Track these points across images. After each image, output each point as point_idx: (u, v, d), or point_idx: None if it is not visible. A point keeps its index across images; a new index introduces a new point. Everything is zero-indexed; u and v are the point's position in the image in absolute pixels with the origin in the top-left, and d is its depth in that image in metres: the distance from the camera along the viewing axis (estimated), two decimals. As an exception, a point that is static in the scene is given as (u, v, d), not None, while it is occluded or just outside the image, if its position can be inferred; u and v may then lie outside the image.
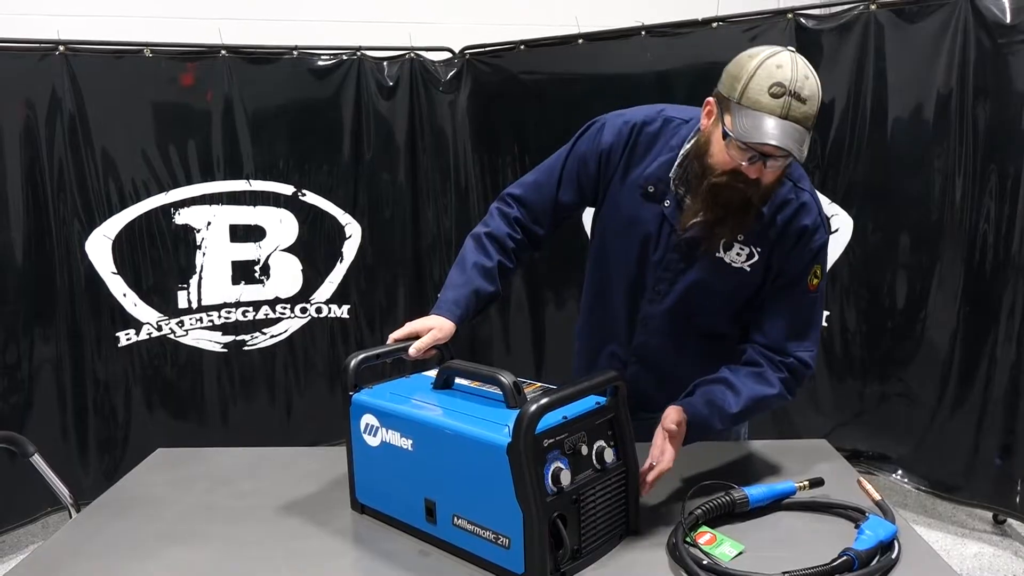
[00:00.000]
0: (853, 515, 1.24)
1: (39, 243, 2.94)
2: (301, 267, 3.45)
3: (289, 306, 3.46)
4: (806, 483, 1.33)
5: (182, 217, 3.22)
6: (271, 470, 1.54)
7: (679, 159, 1.45)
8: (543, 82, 3.47)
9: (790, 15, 2.98)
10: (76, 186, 3.00)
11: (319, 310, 3.52)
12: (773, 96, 1.26)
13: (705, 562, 1.11)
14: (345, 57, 3.42)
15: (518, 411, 1.06)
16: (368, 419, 1.27)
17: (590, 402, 1.18)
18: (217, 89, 3.22)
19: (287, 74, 3.35)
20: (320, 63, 3.40)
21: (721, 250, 1.45)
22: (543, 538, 1.06)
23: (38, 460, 1.90)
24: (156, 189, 3.16)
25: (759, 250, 1.45)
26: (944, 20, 2.72)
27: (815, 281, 1.45)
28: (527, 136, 3.50)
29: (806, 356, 1.46)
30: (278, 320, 3.44)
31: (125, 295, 3.13)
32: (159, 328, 3.22)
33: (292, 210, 3.41)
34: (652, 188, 1.49)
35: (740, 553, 1.16)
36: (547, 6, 4.18)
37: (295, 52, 3.35)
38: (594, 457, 1.15)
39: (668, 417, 1.35)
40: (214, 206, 3.27)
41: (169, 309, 3.23)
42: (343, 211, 3.50)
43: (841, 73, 2.93)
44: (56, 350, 3.00)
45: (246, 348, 3.40)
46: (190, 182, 3.22)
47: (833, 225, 3.02)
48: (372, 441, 1.27)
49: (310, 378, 3.53)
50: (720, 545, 1.17)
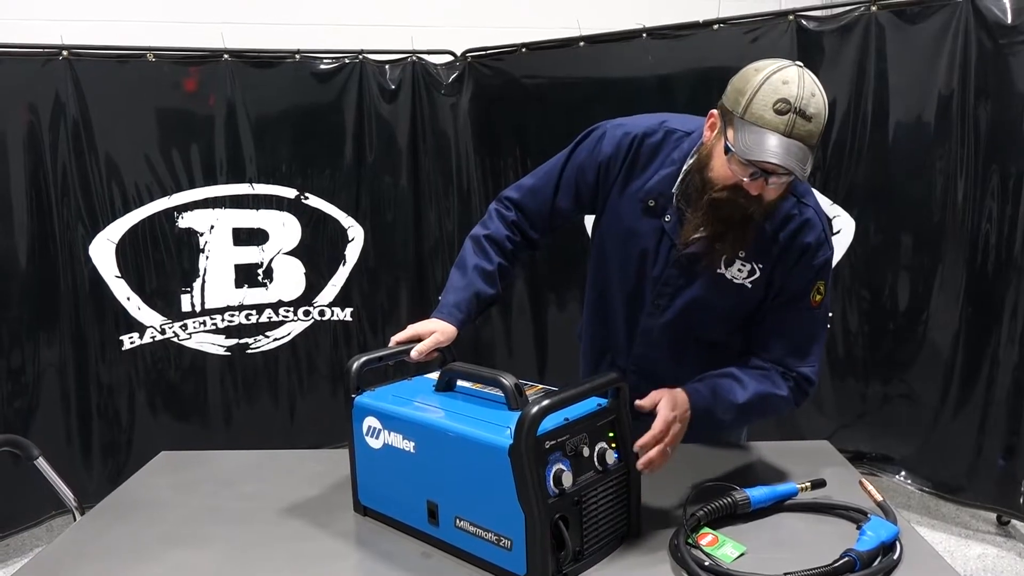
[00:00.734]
0: (855, 516, 1.24)
1: (43, 247, 2.95)
2: (304, 270, 3.46)
3: (292, 309, 3.46)
4: (808, 484, 1.32)
5: (185, 221, 3.23)
6: (274, 473, 1.54)
7: (682, 175, 1.43)
8: (544, 85, 3.47)
9: (791, 17, 2.98)
10: (80, 190, 3.01)
11: (322, 313, 3.52)
12: (778, 112, 1.24)
13: (707, 563, 1.11)
14: (347, 60, 3.43)
15: (520, 413, 1.06)
16: (370, 421, 1.28)
17: (591, 404, 1.18)
18: (220, 93, 3.23)
19: (289, 78, 3.35)
20: (322, 67, 3.41)
21: (722, 266, 1.44)
22: (545, 540, 1.06)
23: (42, 463, 1.90)
24: (159, 193, 3.17)
25: (760, 266, 1.43)
26: (945, 21, 2.72)
27: (818, 298, 1.44)
28: (529, 139, 3.51)
29: (808, 372, 1.45)
30: (281, 323, 3.45)
31: (129, 299, 3.14)
32: (162, 331, 3.23)
33: (295, 213, 3.42)
34: (653, 202, 1.47)
35: (742, 554, 1.16)
36: (548, 9, 4.19)
37: (297, 56, 3.36)
38: (596, 459, 1.15)
39: (678, 397, 1.32)
40: (217, 210, 3.28)
41: (172, 312, 3.24)
42: (346, 214, 3.51)
43: (842, 74, 2.93)
44: (60, 354, 3.01)
45: (249, 351, 3.40)
46: (193, 186, 3.23)
47: (835, 227, 3.02)
48: (374, 443, 1.27)
49: (313, 381, 3.54)
50: (722, 546, 1.17)
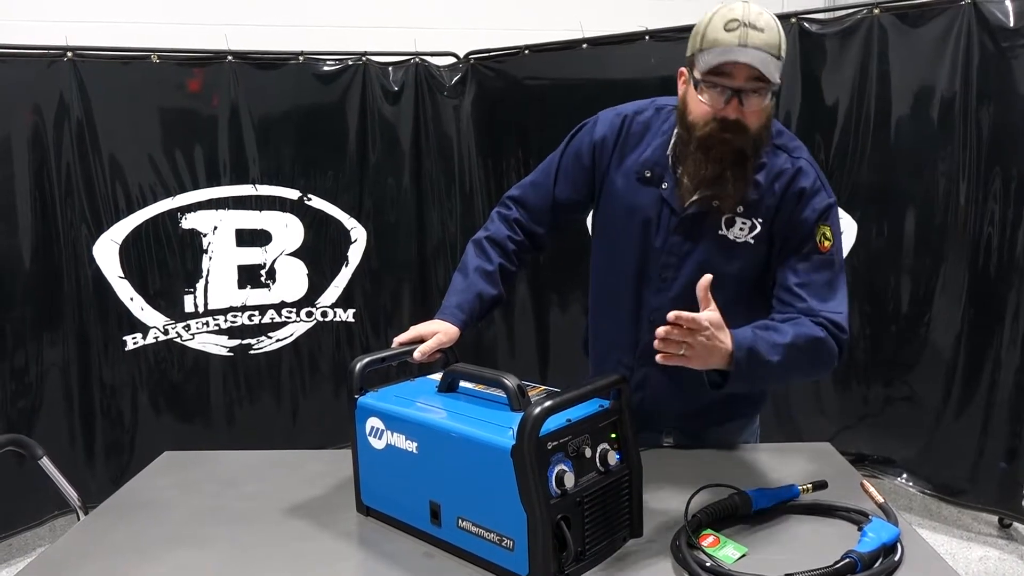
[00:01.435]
0: (856, 518, 1.24)
1: (47, 248, 2.96)
2: (307, 271, 3.47)
3: (295, 310, 3.47)
4: (809, 486, 1.32)
5: (189, 222, 3.24)
6: (277, 473, 1.54)
7: (673, 139, 1.47)
8: (547, 87, 3.48)
9: (793, 19, 2.99)
10: (84, 191, 3.02)
11: (324, 314, 3.53)
12: (729, 30, 1.31)
13: (708, 564, 1.11)
14: (350, 62, 3.44)
15: (522, 414, 1.06)
16: (373, 422, 1.28)
17: (594, 405, 1.18)
18: (223, 94, 3.24)
19: (293, 79, 3.36)
20: (325, 68, 3.42)
21: (723, 227, 1.45)
22: (547, 540, 1.06)
23: (46, 463, 1.91)
24: (163, 194, 3.18)
25: (760, 221, 1.44)
26: (947, 24, 2.72)
27: (826, 243, 1.42)
28: (531, 140, 3.51)
29: (836, 317, 1.38)
30: (284, 324, 3.46)
31: (132, 299, 3.15)
32: (165, 332, 3.23)
33: (298, 214, 3.43)
34: (649, 173, 1.50)
35: (743, 555, 1.16)
36: (551, 11, 4.20)
37: (301, 58, 3.37)
38: (598, 460, 1.15)
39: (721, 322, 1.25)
40: (220, 211, 3.29)
41: (175, 313, 3.25)
42: (348, 215, 3.52)
43: (845, 77, 2.93)
44: (64, 354, 3.02)
45: (252, 352, 3.41)
46: (196, 187, 3.24)
47: (837, 229, 3.02)
48: (377, 444, 1.28)
49: (315, 382, 3.54)
50: (723, 547, 1.17)
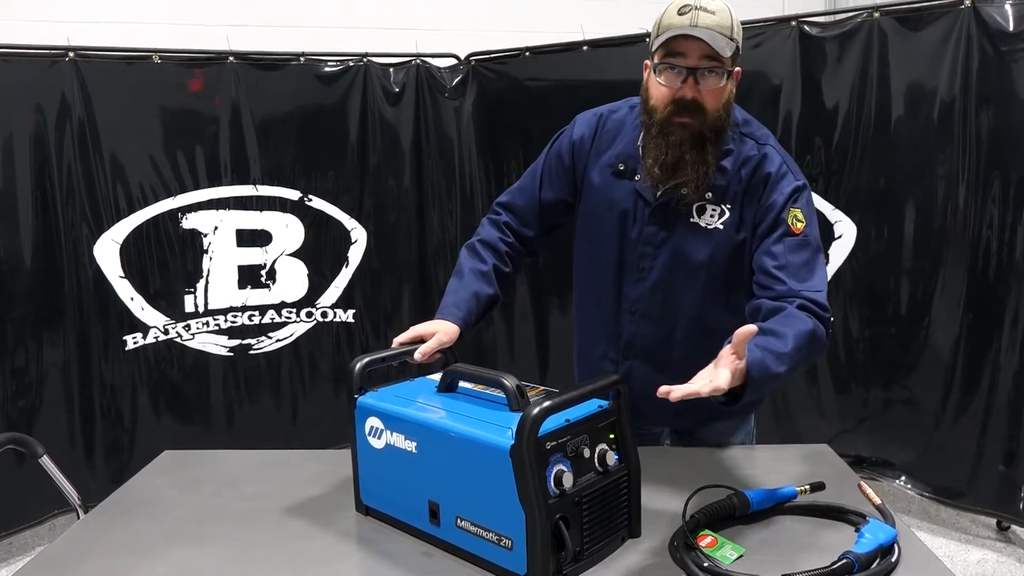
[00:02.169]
0: (853, 519, 1.25)
1: (48, 247, 2.97)
2: (307, 272, 3.47)
3: (295, 310, 3.47)
4: (807, 487, 1.33)
5: (189, 222, 3.24)
6: (276, 472, 1.55)
7: (642, 131, 1.52)
8: (548, 88, 3.49)
9: (794, 23, 2.99)
10: (85, 191, 3.03)
11: (325, 314, 3.54)
12: (682, 14, 1.39)
13: (706, 564, 1.12)
14: (352, 63, 3.45)
15: (521, 414, 1.07)
16: (373, 422, 1.29)
17: (592, 405, 1.19)
18: (225, 95, 3.25)
19: (294, 80, 3.37)
20: (327, 69, 3.42)
21: (695, 214, 1.49)
22: (545, 540, 1.07)
23: (47, 461, 1.92)
24: (164, 194, 3.18)
25: (728, 207, 1.48)
26: (947, 28, 2.73)
27: (799, 225, 1.44)
28: (532, 142, 3.51)
29: (817, 296, 1.39)
30: (284, 324, 3.46)
31: (132, 299, 3.15)
32: (166, 332, 3.24)
33: (298, 215, 3.43)
34: (623, 166, 1.55)
35: (741, 556, 1.16)
36: (552, 13, 4.21)
37: (302, 58, 3.37)
38: (596, 460, 1.16)
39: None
40: (221, 211, 3.30)
41: (176, 313, 3.25)
42: (349, 216, 3.52)
43: (844, 80, 2.94)
44: (64, 354, 3.03)
45: (252, 352, 3.41)
46: (197, 187, 3.24)
47: (836, 232, 3.03)
48: (377, 443, 1.28)
49: (315, 382, 3.55)
50: (721, 548, 1.18)
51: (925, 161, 2.84)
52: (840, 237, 3.02)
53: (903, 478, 3.04)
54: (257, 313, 3.41)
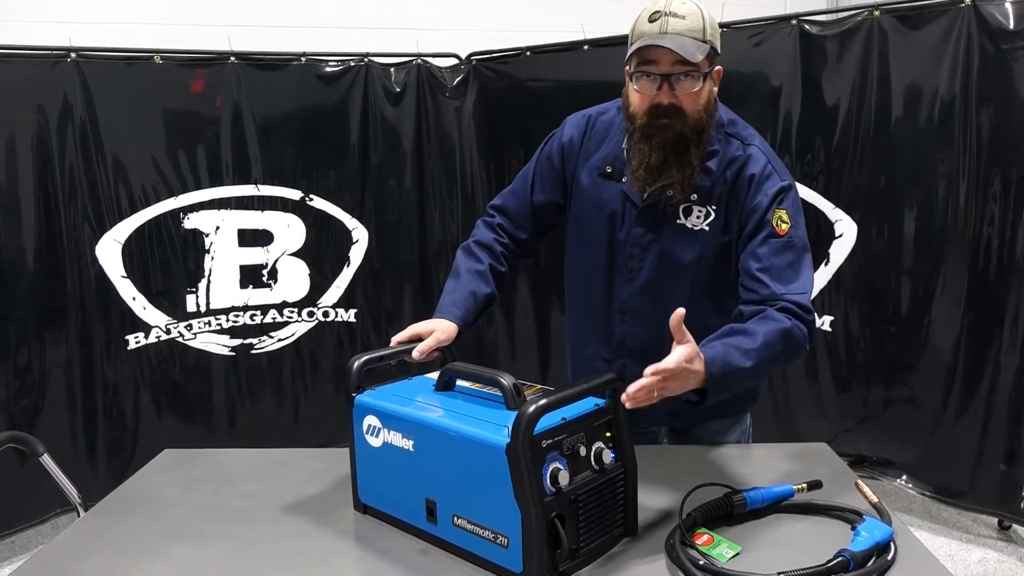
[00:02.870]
0: (850, 517, 1.25)
1: (50, 247, 2.98)
2: (308, 271, 3.48)
3: (296, 310, 3.48)
4: (804, 485, 1.33)
5: (191, 222, 3.25)
6: (275, 471, 1.55)
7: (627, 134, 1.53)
8: (549, 88, 3.49)
9: (794, 21, 2.99)
10: (87, 191, 3.03)
11: (326, 314, 3.54)
12: (652, 21, 1.42)
13: (702, 563, 1.12)
14: (353, 63, 3.45)
15: (517, 412, 1.07)
16: (370, 420, 1.29)
17: (589, 404, 1.19)
18: (226, 95, 3.26)
19: (295, 80, 3.38)
20: (328, 69, 3.43)
21: (681, 215, 1.50)
22: (541, 538, 1.07)
23: (47, 460, 1.93)
24: (165, 194, 3.19)
25: (714, 208, 1.49)
26: (947, 26, 2.73)
27: (784, 226, 1.44)
28: (533, 142, 3.44)
29: (800, 299, 1.39)
30: (285, 324, 3.47)
31: (134, 299, 3.16)
32: (167, 331, 3.25)
33: (300, 215, 3.44)
34: (610, 168, 1.57)
35: (737, 554, 1.16)
36: (553, 13, 4.21)
37: (303, 59, 3.38)
38: (592, 458, 1.16)
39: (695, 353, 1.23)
40: (223, 211, 3.30)
41: (177, 313, 3.26)
42: (350, 216, 3.53)
43: (845, 79, 2.94)
44: (66, 353, 3.04)
45: (253, 352, 3.42)
46: (199, 187, 3.25)
47: (837, 231, 3.03)
48: (374, 442, 1.29)
49: (317, 382, 3.55)
50: (717, 546, 1.18)
51: (925, 160, 2.84)
52: (841, 236, 3.02)
53: (904, 477, 3.04)
54: (259, 313, 3.41)
